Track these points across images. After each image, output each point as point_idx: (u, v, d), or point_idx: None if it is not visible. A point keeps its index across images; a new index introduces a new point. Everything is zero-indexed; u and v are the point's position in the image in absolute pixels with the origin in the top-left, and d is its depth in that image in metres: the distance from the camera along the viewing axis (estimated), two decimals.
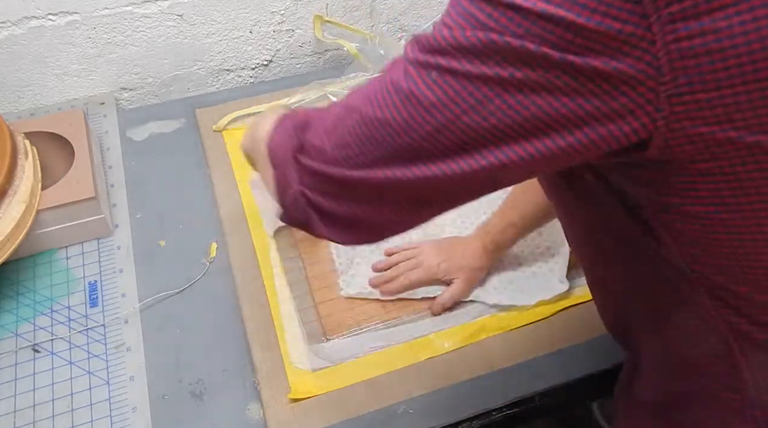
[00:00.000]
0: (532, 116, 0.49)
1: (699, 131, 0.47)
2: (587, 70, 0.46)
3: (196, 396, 0.97)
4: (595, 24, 0.44)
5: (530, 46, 0.46)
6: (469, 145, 0.52)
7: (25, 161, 1.04)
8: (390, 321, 1.04)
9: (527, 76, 0.47)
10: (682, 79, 0.45)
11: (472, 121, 0.50)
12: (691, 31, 0.44)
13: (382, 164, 0.56)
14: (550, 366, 1.00)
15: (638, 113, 0.47)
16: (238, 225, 1.15)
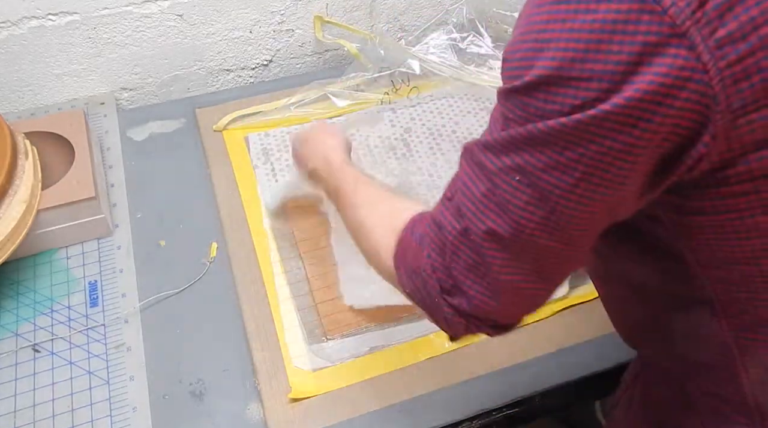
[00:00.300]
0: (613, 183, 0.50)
1: (745, 152, 0.48)
2: (641, 109, 0.46)
3: (196, 395, 0.97)
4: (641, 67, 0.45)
5: (580, 117, 0.47)
6: (570, 235, 0.54)
7: (25, 160, 1.04)
8: (390, 320, 1.04)
9: (594, 151, 0.48)
10: (736, 104, 0.45)
11: (567, 208, 0.52)
12: (740, 53, 0.44)
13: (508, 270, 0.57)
14: (551, 366, 1.00)
15: (702, 138, 0.47)
16: (238, 225, 1.15)
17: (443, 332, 0.67)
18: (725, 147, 0.47)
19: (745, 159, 0.48)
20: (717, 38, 0.44)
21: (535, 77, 0.48)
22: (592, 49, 0.45)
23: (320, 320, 1.04)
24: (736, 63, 0.44)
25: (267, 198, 1.18)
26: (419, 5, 1.49)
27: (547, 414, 1.15)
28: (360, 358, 1.00)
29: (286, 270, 1.10)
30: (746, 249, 0.54)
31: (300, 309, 1.05)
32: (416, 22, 1.51)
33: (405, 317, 1.04)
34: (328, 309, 1.05)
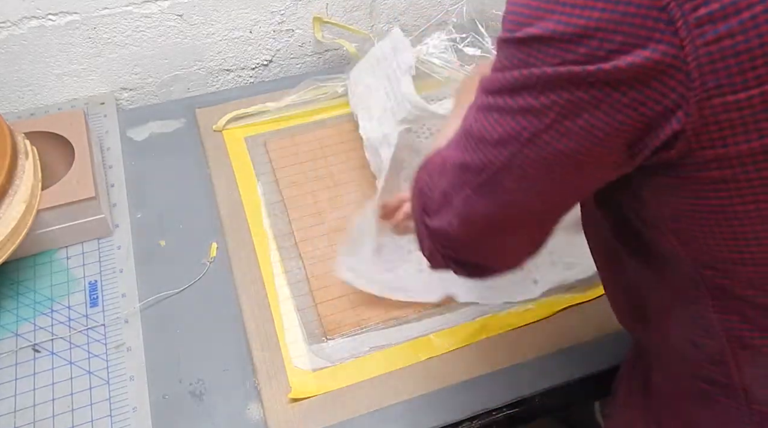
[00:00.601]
0: (582, 138, 0.52)
1: (723, 134, 0.48)
2: (620, 77, 0.48)
3: (196, 396, 0.97)
4: (623, 35, 0.46)
5: (561, 70, 0.49)
6: (536, 175, 0.56)
7: (25, 160, 1.04)
8: (390, 320, 1.04)
9: (568, 100, 0.50)
10: (711, 83, 0.46)
11: (530, 155, 0.55)
12: (718, 34, 0.45)
13: (474, 203, 0.61)
14: (551, 366, 1.00)
15: (670, 117, 0.49)
16: (238, 225, 1.15)
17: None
18: (701, 126, 0.48)
19: (723, 142, 0.49)
20: (698, 16, 0.45)
21: (529, 34, 0.50)
22: (581, 20, 0.47)
23: (320, 320, 1.04)
24: (713, 43, 0.45)
25: None
26: (419, 5, 1.49)
27: (547, 414, 1.15)
28: (360, 358, 1.00)
29: (286, 270, 1.10)
30: (727, 236, 0.55)
31: (300, 309, 1.05)
32: (416, 22, 1.51)
33: (405, 318, 1.04)
34: (328, 309, 1.05)
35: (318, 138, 1.29)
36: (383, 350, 1.01)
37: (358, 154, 1.26)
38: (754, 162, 0.49)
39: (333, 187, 1.21)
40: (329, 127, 1.31)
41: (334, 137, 1.29)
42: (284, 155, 1.26)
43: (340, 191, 1.20)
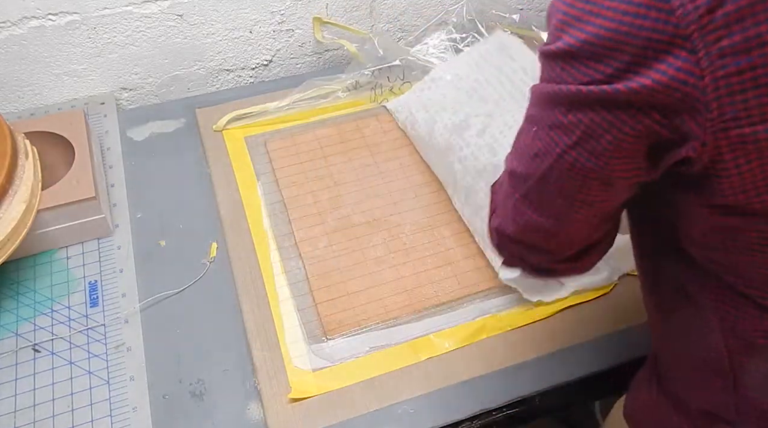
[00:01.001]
0: (607, 156, 0.54)
1: (738, 162, 0.50)
2: (640, 101, 0.49)
3: (196, 396, 0.97)
4: (645, 59, 0.47)
5: (583, 89, 0.51)
6: (571, 187, 0.59)
7: (25, 161, 1.04)
8: (390, 320, 1.04)
9: (592, 119, 0.53)
10: (728, 115, 0.47)
11: (565, 165, 0.57)
12: (740, 66, 0.45)
13: (522, 207, 0.65)
14: (551, 367, 1.00)
15: (685, 144, 0.50)
16: (238, 225, 1.15)
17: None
18: (716, 155, 0.50)
19: (738, 169, 0.50)
20: (720, 47, 0.45)
21: (560, 48, 0.52)
22: (606, 36, 0.48)
23: (320, 320, 1.04)
24: (735, 75, 0.45)
25: None
26: (419, 5, 1.49)
27: (547, 414, 1.16)
28: (360, 358, 1.00)
29: (287, 270, 1.10)
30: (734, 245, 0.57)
31: (300, 309, 1.05)
32: (416, 22, 1.51)
33: (405, 318, 1.04)
34: (328, 309, 1.05)
35: (318, 138, 1.29)
36: (383, 350, 1.01)
37: (358, 154, 1.26)
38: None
39: (333, 187, 1.21)
40: (329, 127, 1.31)
41: (334, 136, 1.29)
42: (284, 155, 1.26)
43: (340, 191, 1.20)
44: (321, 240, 1.13)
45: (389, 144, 1.29)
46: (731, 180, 0.51)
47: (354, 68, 1.36)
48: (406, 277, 1.09)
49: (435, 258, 1.11)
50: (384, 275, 1.09)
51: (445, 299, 1.06)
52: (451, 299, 1.06)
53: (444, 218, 1.17)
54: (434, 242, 1.14)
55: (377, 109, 1.35)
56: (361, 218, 1.17)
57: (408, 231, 1.15)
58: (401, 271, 1.10)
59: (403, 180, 1.22)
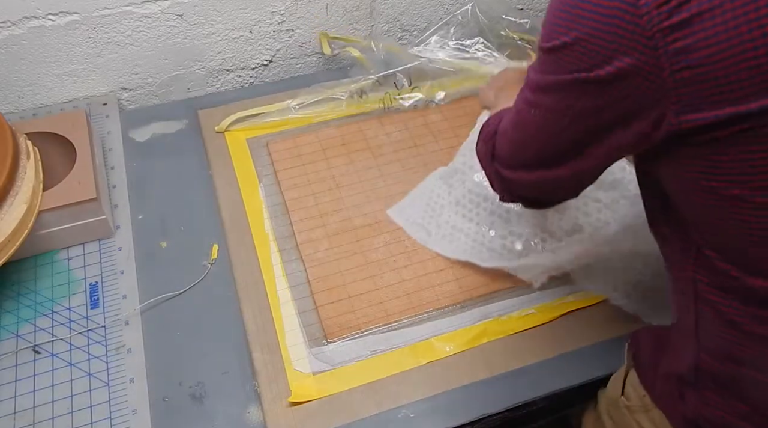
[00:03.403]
0: (589, 129, 0.67)
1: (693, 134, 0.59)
2: (614, 80, 0.60)
3: (196, 398, 0.97)
4: (614, 47, 0.58)
5: (574, 76, 0.63)
6: (563, 155, 0.72)
7: (27, 161, 1.03)
8: (391, 324, 1.04)
9: (579, 101, 0.65)
10: (685, 101, 0.57)
11: (559, 139, 0.71)
12: (690, 63, 0.55)
13: (528, 167, 0.78)
14: (551, 371, 1.00)
15: (656, 121, 0.60)
16: (239, 227, 1.15)
17: None
18: (675, 131, 0.59)
19: (686, 141, 0.60)
20: (675, 48, 0.55)
21: (553, 45, 0.63)
22: (591, 35, 0.59)
23: (321, 323, 1.04)
24: (688, 69, 0.55)
25: None
26: (419, 5, 1.49)
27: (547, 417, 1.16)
28: (361, 361, 1.01)
29: (287, 273, 1.10)
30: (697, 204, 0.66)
31: (301, 312, 1.05)
32: (416, 22, 1.51)
33: (406, 321, 1.04)
34: (329, 312, 1.05)
35: (320, 140, 1.29)
36: (384, 353, 1.01)
37: (360, 156, 1.26)
38: None
39: (335, 189, 1.21)
40: (331, 128, 1.31)
41: (336, 138, 1.29)
42: (286, 156, 1.26)
43: (341, 194, 1.20)
44: (322, 243, 1.13)
45: (391, 146, 1.28)
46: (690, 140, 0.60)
47: (358, 72, 1.36)
48: (407, 280, 1.09)
49: (436, 261, 1.11)
50: (385, 279, 1.09)
51: (446, 303, 1.06)
52: (453, 303, 1.07)
53: None
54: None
55: (379, 111, 1.35)
56: (362, 220, 1.17)
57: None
58: (402, 274, 1.10)
59: (405, 182, 1.22)
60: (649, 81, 0.57)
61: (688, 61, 0.54)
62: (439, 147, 1.28)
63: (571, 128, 0.68)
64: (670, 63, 0.55)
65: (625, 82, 0.59)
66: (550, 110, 0.69)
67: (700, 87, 0.55)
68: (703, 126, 0.57)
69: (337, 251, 1.13)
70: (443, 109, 1.36)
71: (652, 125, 0.60)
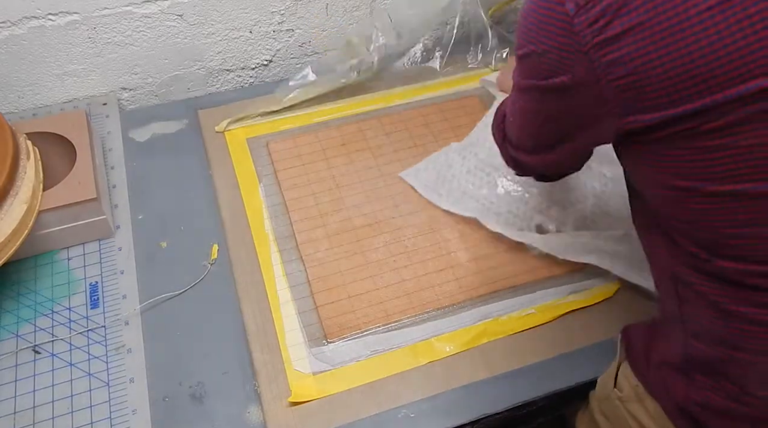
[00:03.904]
0: (558, 128, 0.76)
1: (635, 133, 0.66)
2: (562, 90, 0.67)
3: (196, 398, 0.97)
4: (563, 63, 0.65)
5: (536, 83, 0.71)
6: (549, 144, 0.80)
7: (26, 161, 1.03)
8: (391, 324, 1.04)
9: (543, 104, 0.73)
10: (623, 105, 0.63)
11: (540, 132, 0.79)
12: (622, 73, 0.61)
13: (528, 151, 0.86)
14: (551, 371, 1.00)
15: (606, 124, 0.67)
16: (239, 227, 1.15)
17: None
18: (623, 131, 0.66)
19: (635, 139, 0.66)
20: (607, 60, 0.61)
21: (522, 53, 0.70)
22: (540, 47, 0.66)
23: (321, 323, 1.04)
24: (621, 79, 0.61)
25: None
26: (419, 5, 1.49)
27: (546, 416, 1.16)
28: (361, 361, 1.01)
29: (288, 273, 1.10)
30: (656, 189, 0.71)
31: (301, 312, 1.05)
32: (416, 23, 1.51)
33: (406, 321, 1.05)
34: (330, 312, 1.05)
35: (320, 139, 1.29)
36: (384, 353, 1.01)
37: (360, 156, 1.26)
38: None
39: (335, 189, 1.21)
40: (331, 129, 1.32)
41: (336, 138, 1.29)
42: (286, 156, 1.26)
43: (341, 193, 1.20)
44: (322, 243, 1.13)
45: (391, 146, 1.29)
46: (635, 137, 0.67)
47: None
48: (407, 280, 1.09)
49: (436, 261, 1.11)
50: (385, 279, 1.09)
51: (446, 303, 1.07)
52: (453, 303, 1.07)
53: (446, 221, 1.17)
54: (436, 246, 1.14)
55: (379, 111, 1.36)
56: (362, 220, 1.17)
57: (409, 234, 1.15)
58: (402, 274, 1.10)
59: (405, 183, 1.22)
60: (590, 90, 0.64)
61: (619, 72, 0.61)
62: (440, 147, 1.28)
63: (546, 126, 0.77)
64: (605, 74, 0.62)
65: (572, 91, 0.66)
66: (526, 109, 0.78)
67: (634, 94, 0.61)
68: (643, 127, 0.63)
69: (337, 251, 1.13)
70: (443, 109, 1.36)
71: (604, 126, 0.67)
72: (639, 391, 0.84)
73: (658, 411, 0.82)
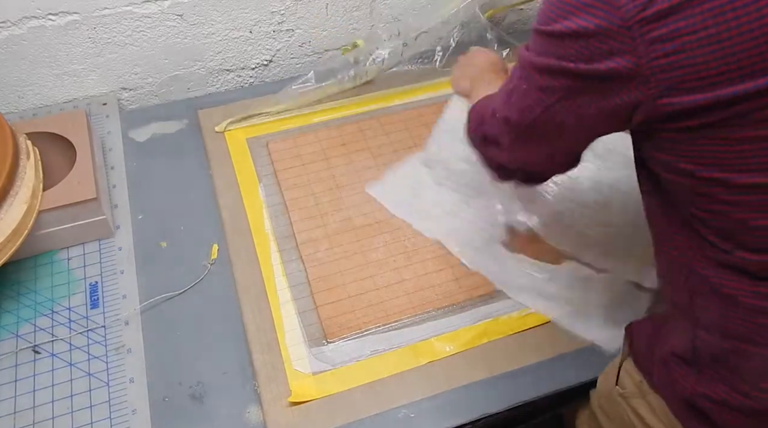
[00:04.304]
0: (580, 113, 0.69)
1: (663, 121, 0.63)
2: (599, 75, 0.64)
3: (195, 398, 0.97)
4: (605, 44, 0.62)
5: (563, 64, 0.66)
6: (552, 135, 0.76)
7: (26, 161, 1.03)
8: (391, 324, 1.04)
9: (567, 85, 0.68)
10: (662, 86, 0.61)
11: (548, 118, 0.73)
12: (666, 51, 0.59)
13: (515, 145, 0.82)
14: (551, 371, 1.00)
15: (639, 107, 0.64)
16: (239, 227, 1.15)
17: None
18: (654, 115, 0.63)
19: (664, 126, 0.64)
20: (652, 37, 0.58)
21: (548, 30, 0.66)
22: (580, 26, 0.62)
23: (321, 323, 1.04)
24: (663, 58, 0.59)
25: None
26: (419, 5, 1.49)
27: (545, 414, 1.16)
28: (361, 361, 1.01)
29: (287, 273, 1.10)
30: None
31: (301, 312, 1.05)
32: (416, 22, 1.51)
33: (406, 321, 1.05)
34: (329, 312, 1.05)
35: (320, 139, 1.29)
36: (384, 353, 1.01)
37: (360, 156, 1.26)
38: None
39: (335, 189, 1.21)
40: (331, 129, 1.32)
41: (336, 138, 1.29)
42: (286, 156, 1.26)
43: (341, 193, 1.20)
44: (322, 243, 1.13)
45: (391, 146, 1.29)
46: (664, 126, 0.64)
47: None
48: (407, 280, 1.09)
49: (436, 261, 1.11)
50: (385, 279, 1.09)
51: (446, 303, 1.07)
52: (453, 303, 1.07)
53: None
54: (436, 245, 1.14)
55: (379, 110, 1.36)
56: (362, 220, 1.17)
57: (409, 234, 1.15)
58: (402, 274, 1.10)
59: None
60: (627, 68, 0.61)
61: (665, 50, 0.58)
62: None
63: (556, 106, 0.72)
64: (647, 51, 0.59)
65: (605, 69, 0.62)
66: (541, 89, 0.72)
67: (675, 74, 0.59)
68: (679, 111, 0.61)
69: (337, 251, 1.13)
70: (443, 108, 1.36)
71: (631, 108, 0.64)
72: (643, 387, 0.84)
73: (661, 407, 0.81)
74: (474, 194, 1.15)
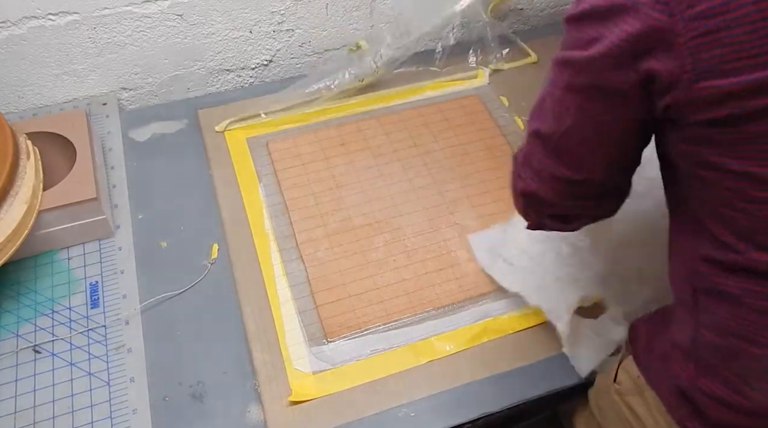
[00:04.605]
0: (615, 109, 0.67)
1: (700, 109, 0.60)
2: (629, 57, 0.61)
3: (196, 398, 0.97)
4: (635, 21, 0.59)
5: (590, 52, 0.63)
6: (591, 138, 0.70)
7: (26, 161, 1.03)
8: (391, 323, 1.04)
9: (597, 76, 0.64)
10: (700, 69, 0.57)
11: (582, 121, 0.69)
12: (708, 28, 0.56)
13: (546, 162, 0.75)
14: (551, 370, 1.00)
15: (674, 89, 0.60)
16: (239, 227, 1.15)
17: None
18: (688, 100, 0.60)
19: (695, 115, 0.61)
20: (691, 14, 0.56)
21: (575, 12, 0.64)
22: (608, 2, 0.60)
23: (321, 322, 1.04)
24: (703, 36, 0.56)
25: None
26: (419, 5, 1.49)
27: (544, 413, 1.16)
28: (361, 361, 1.01)
29: (288, 272, 1.10)
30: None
31: (301, 311, 1.05)
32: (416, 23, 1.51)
33: (406, 320, 1.05)
34: (330, 312, 1.05)
35: (320, 140, 1.29)
36: (384, 353, 1.02)
37: (360, 156, 1.26)
38: None
39: (335, 189, 1.21)
40: (331, 128, 1.32)
41: (336, 138, 1.30)
42: (286, 156, 1.26)
43: (341, 193, 1.20)
44: (322, 242, 1.13)
45: (391, 146, 1.29)
46: (697, 117, 0.61)
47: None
48: (407, 280, 1.09)
49: (436, 261, 1.12)
50: (385, 278, 1.09)
51: (446, 302, 1.07)
52: (453, 302, 1.07)
53: (445, 221, 1.17)
54: (436, 245, 1.14)
55: (379, 110, 1.36)
56: (362, 220, 1.17)
57: (409, 234, 1.15)
58: (402, 273, 1.10)
59: (405, 182, 1.22)
60: (664, 47, 0.58)
61: (706, 27, 0.55)
62: (440, 147, 1.28)
63: (586, 106, 0.68)
64: (686, 29, 0.56)
65: (639, 49, 0.60)
66: (567, 88, 0.69)
67: (715, 53, 0.56)
68: (717, 95, 0.58)
69: (337, 251, 1.13)
70: (443, 109, 1.36)
71: (666, 88, 0.61)
72: (640, 383, 0.84)
73: (656, 403, 0.81)
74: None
